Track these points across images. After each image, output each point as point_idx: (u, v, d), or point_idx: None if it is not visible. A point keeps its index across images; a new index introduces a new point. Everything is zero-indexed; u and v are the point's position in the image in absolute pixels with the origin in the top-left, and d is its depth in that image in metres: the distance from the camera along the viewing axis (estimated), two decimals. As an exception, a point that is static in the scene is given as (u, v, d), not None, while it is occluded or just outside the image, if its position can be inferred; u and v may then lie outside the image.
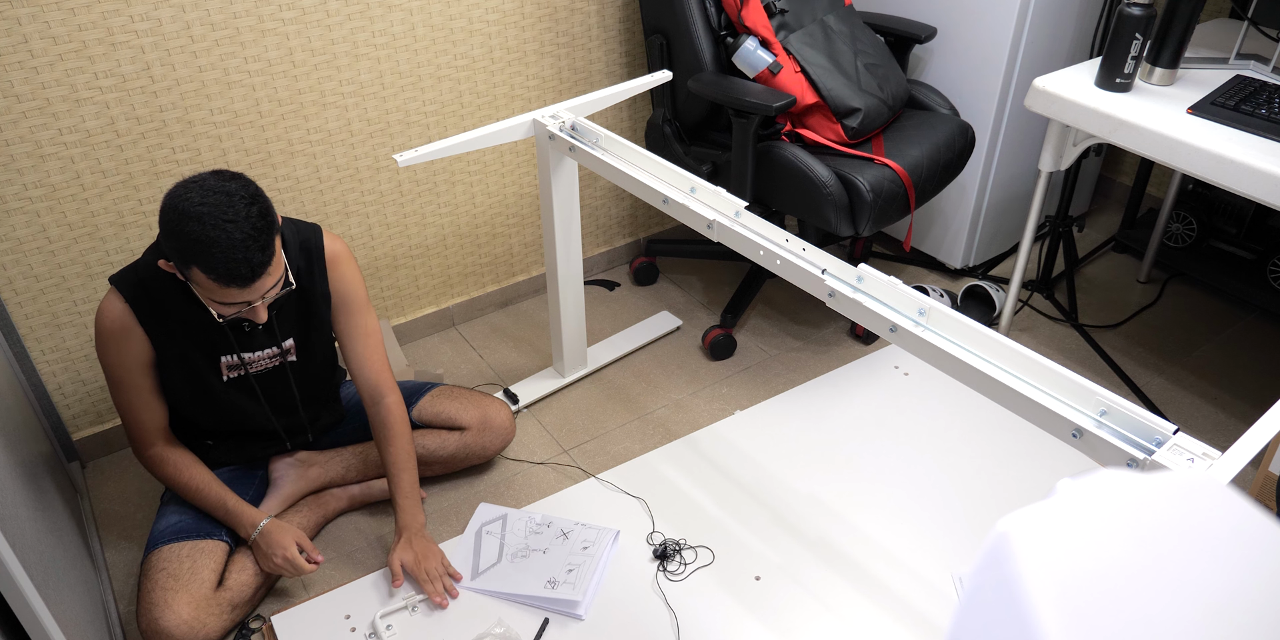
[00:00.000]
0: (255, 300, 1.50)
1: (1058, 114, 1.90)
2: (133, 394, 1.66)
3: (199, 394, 1.69)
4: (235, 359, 1.68)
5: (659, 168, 1.72)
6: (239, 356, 1.67)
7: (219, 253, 1.40)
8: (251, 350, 1.69)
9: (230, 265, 1.41)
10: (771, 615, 1.72)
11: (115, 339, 1.60)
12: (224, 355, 1.67)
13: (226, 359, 1.67)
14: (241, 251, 1.41)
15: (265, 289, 1.49)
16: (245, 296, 1.48)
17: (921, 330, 1.33)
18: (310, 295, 1.70)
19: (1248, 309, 2.52)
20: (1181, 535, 0.45)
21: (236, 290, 1.45)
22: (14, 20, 1.64)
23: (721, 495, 1.96)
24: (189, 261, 1.42)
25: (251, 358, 1.69)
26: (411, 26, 2.04)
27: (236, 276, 1.43)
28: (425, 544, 1.77)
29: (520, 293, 2.59)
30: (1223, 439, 2.12)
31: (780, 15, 2.11)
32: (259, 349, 1.70)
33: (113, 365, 1.63)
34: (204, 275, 1.43)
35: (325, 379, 1.84)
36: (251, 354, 1.69)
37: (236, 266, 1.41)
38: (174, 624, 1.59)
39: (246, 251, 1.41)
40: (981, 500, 1.94)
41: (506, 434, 1.99)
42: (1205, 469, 1.09)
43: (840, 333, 2.45)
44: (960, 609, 0.46)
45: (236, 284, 1.44)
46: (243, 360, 1.68)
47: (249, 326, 1.66)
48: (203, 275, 1.43)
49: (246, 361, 1.69)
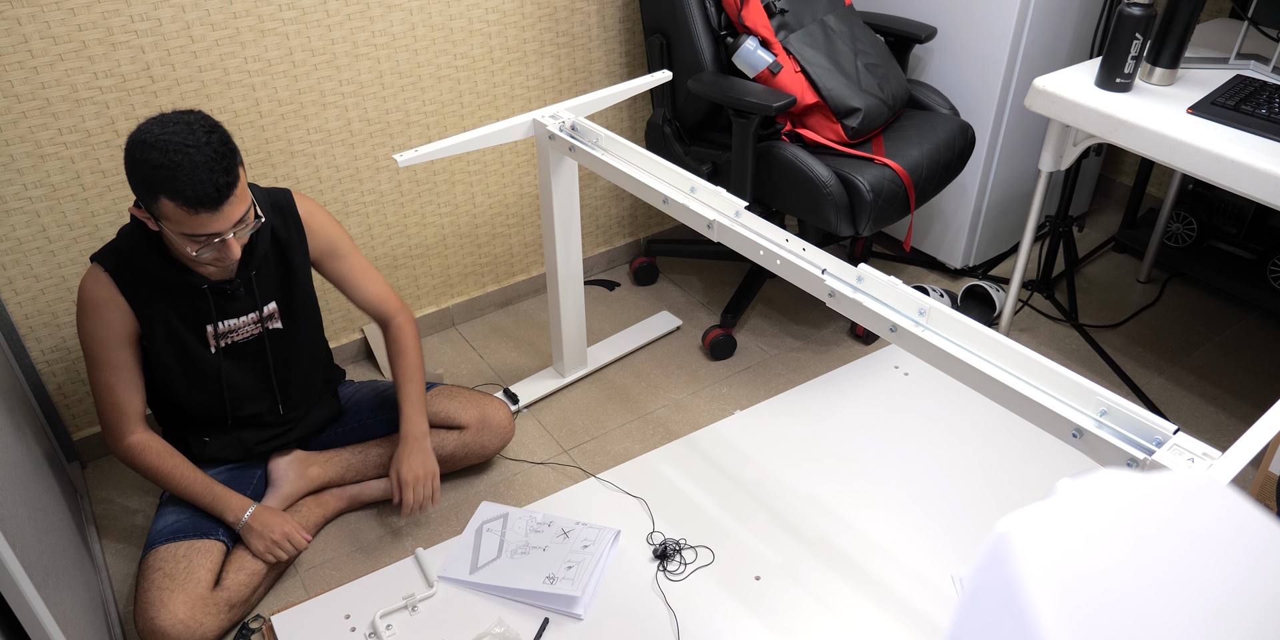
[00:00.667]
0: (226, 231, 1.49)
1: (1058, 114, 1.90)
2: (112, 373, 1.64)
3: (190, 369, 1.69)
4: (219, 327, 1.68)
5: (659, 168, 1.72)
6: (222, 324, 1.67)
7: (183, 175, 1.41)
8: (234, 316, 1.69)
9: (196, 186, 1.42)
10: (771, 615, 1.72)
11: (97, 310, 1.59)
12: (208, 324, 1.67)
13: (211, 328, 1.67)
14: (206, 172, 1.42)
15: (234, 218, 1.49)
16: (215, 225, 1.47)
17: (921, 330, 1.33)
18: (288, 256, 1.72)
19: (1248, 309, 2.52)
20: (1181, 535, 0.45)
21: (206, 216, 1.45)
22: (14, 20, 1.64)
23: (721, 495, 1.96)
24: (155, 191, 1.43)
25: (235, 324, 1.69)
26: (411, 26, 2.04)
27: (203, 199, 1.43)
28: (423, 458, 1.81)
29: (520, 293, 2.59)
30: (1223, 439, 2.12)
31: (780, 15, 2.11)
32: (241, 314, 1.69)
33: (94, 340, 1.61)
34: (172, 204, 1.43)
35: (313, 353, 1.84)
36: (235, 320, 1.69)
37: (202, 186, 1.42)
38: (170, 624, 1.59)
39: (211, 173, 1.43)
40: (981, 500, 1.94)
41: (505, 433, 1.99)
42: (1205, 469, 1.09)
43: (840, 333, 2.45)
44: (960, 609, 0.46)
45: (205, 207, 1.44)
46: (227, 328, 1.68)
47: (231, 290, 1.65)
48: (171, 204, 1.43)
49: (231, 329, 1.69)
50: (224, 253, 1.52)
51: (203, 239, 1.49)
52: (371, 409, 1.97)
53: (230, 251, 1.52)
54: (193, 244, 1.50)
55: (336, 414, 1.95)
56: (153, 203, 1.45)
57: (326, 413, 1.92)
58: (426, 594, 1.76)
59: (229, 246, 1.51)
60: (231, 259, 1.53)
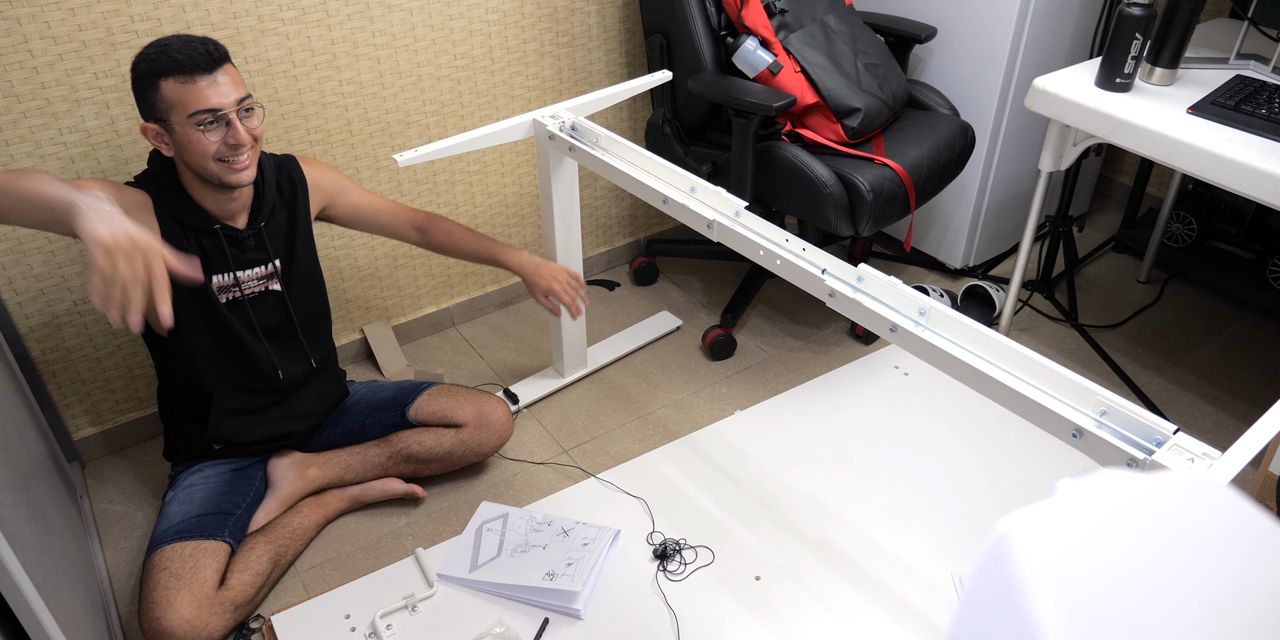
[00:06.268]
0: (229, 107, 1.52)
1: (1058, 114, 1.90)
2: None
3: (204, 309, 1.70)
4: (228, 278, 1.70)
5: (659, 168, 1.72)
6: (228, 276, 1.70)
7: (174, 48, 1.49)
8: (245, 267, 1.72)
9: (188, 52, 1.48)
10: (771, 615, 1.72)
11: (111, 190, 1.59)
12: (216, 274, 1.69)
13: (218, 278, 1.70)
14: (197, 43, 1.50)
15: (233, 93, 1.52)
16: (215, 96, 1.50)
17: (921, 330, 1.33)
18: (294, 213, 1.77)
19: (1248, 309, 2.52)
20: (1181, 535, 0.45)
21: (204, 84, 1.49)
22: (14, 20, 1.64)
23: (721, 495, 1.96)
24: (155, 76, 1.49)
25: (244, 276, 1.72)
26: (411, 26, 2.04)
27: (197, 61, 1.48)
28: (551, 264, 1.93)
29: (520, 293, 2.59)
30: (1223, 439, 2.12)
31: (780, 15, 2.11)
32: (252, 266, 1.72)
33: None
34: (171, 81, 1.48)
35: (315, 318, 1.87)
36: (245, 271, 1.72)
37: (194, 51, 1.48)
38: (176, 624, 1.59)
39: (202, 43, 1.50)
40: (981, 500, 1.94)
41: (504, 431, 1.99)
42: (1205, 469, 1.09)
43: (840, 333, 2.45)
44: (960, 609, 0.46)
45: (200, 70, 1.49)
46: (231, 281, 1.71)
47: (243, 237, 1.69)
48: (169, 83, 1.48)
49: (235, 282, 1.71)
50: (233, 135, 1.54)
51: (207, 118, 1.51)
52: (370, 410, 1.97)
53: (238, 132, 1.54)
54: (201, 135, 1.52)
55: (341, 389, 1.97)
56: (154, 95, 1.50)
57: (329, 388, 1.94)
58: (426, 594, 1.76)
59: (236, 129, 1.54)
60: (241, 141, 1.54)
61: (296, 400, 1.88)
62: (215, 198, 1.64)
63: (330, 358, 1.95)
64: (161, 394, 1.84)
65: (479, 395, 2.00)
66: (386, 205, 1.91)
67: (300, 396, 1.89)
